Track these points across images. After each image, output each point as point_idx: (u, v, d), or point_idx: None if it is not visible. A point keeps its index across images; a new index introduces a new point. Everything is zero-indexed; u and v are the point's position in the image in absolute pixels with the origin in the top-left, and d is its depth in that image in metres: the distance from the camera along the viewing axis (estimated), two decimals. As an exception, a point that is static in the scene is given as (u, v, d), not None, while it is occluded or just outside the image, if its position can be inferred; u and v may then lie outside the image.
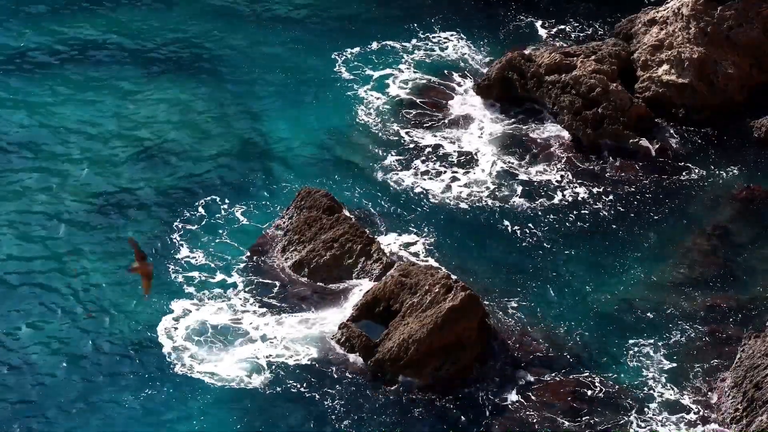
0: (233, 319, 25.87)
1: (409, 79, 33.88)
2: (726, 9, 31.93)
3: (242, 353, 25.09)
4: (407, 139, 31.53)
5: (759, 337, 24.36)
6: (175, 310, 26.00)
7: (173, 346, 25.18)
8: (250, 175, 30.28)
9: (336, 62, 34.70)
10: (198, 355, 24.99)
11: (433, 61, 34.70)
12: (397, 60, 34.72)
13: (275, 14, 37.25)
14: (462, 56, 34.92)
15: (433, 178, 30.20)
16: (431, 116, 32.35)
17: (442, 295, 24.96)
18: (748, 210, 29.16)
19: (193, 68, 34.59)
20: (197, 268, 27.14)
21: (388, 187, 29.83)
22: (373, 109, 32.66)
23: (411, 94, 33.21)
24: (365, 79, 33.92)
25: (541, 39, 35.44)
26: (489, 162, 30.71)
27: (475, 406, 24.07)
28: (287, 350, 25.17)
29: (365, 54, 35.04)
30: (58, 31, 35.89)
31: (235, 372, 24.66)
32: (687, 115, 32.00)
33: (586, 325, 25.98)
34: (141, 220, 28.59)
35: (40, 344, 25.25)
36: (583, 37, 35.24)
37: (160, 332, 25.46)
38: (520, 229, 28.60)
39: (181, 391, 24.20)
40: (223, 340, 25.38)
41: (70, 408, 23.85)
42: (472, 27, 36.32)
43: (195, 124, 32.11)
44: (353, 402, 24.13)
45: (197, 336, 25.45)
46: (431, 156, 30.95)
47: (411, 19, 36.70)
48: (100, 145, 31.17)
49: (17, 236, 28.02)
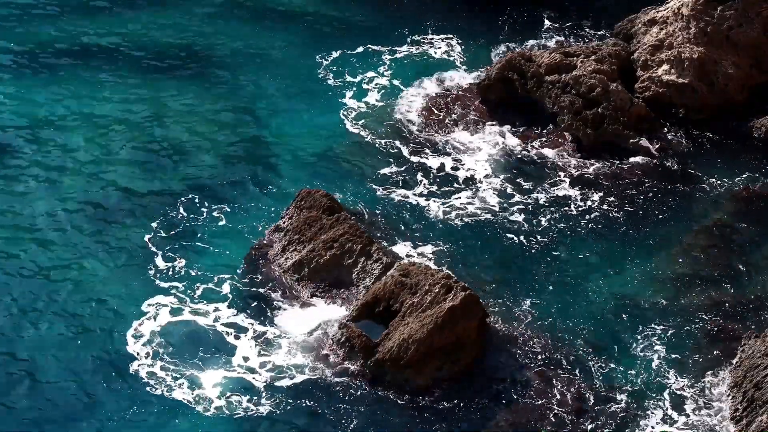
0: (233, 319, 25.87)
1: (408, 80, 33.89)
2: (726, 9, 31.92)
3: (242, 353, 25.10)
4: (407, 140, 31.53)
5: (759, 337, 24.37)
6: (173, 310, 26.03)
7: (174, 344, 25.23)
8: (250, 175, 30.28)
9: (336, 64, 34.73)
10: (197, 355, 25.02)
11: (432, 62, 34.71)
12: (397, 61, 34.74)
13: (274, 17, 37.29)
14: (462, 57, 34.93)
15: (432, 179, 30.20)
16: (431, 117, 32.35)
17: (442, 295, 24.97)
18: (748, 209, 29.16)
19: (193, 68, 34.63)
20: (197, 268, 27.15)
21: (388, 188, 29.83)
22: (373, 111, 32.67)
23: (410, 96, 33.21)
24: (365, 80, 33.93)
25: (541, 39, 35.45)
26: (488, 162, 30.72)
27: (475, 406, 24.07)
28: (287, 350, 25.18)
29: (365, 55, 35.06)
30: (59, 31, 35.92)
31: (234, 372, 24.68)
32: (687, 115, 32.01)
33: (587, 325, 25.98)
34: (138, 221, 28.57)
35: (38, 345, 25.29)
36: (583, 37, 35.24)
37: (159, 332, 25.48)
38: (520, 229, 28.60)
39: (180, 389, 24.27)
40: (223, 339, 25.38)
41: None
42: (473, 27, 36.34)
43: (195, 125, 32.12)
44: (353, 402, 24.13)
45: (197, 336, 25.48)
46: (430, 157, 30.95)
47: (411, 21, 36.72)
48: (99, 145, 31.18)
49: (10, 236, 28.10)
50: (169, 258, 27.39)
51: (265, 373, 24.66)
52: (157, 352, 25.05)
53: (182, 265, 27.18)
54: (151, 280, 26.78)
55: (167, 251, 27.59)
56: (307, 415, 23.88)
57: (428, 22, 36.62)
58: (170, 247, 27.74)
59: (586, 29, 35.96)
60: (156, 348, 25.14)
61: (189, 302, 26.26)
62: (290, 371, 24.74)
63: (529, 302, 26.45)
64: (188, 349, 25.20)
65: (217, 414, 23.80)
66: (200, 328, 25.69)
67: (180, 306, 26.15)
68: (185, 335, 25.52)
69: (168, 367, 24.74)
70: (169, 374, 24.56)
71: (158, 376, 24.49)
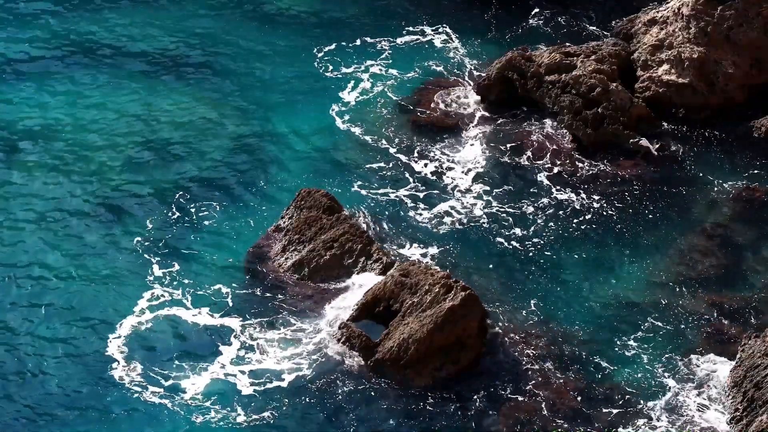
0: (232, 319, 25.86)
1: (408, 79, 33.88)
2: (726, 9, 31.90)
3: (241, 353, 25.09)
4: (407, 139, 31.53)
5: (759, 337, 24.37)
6: (174, 310, 26.02)
7: (171, 346, 25.24)
8: (250, 174, 30.27)
9: (334, 62, 34.68)
10: (196, 355, 25.02)
11: (432, 61, 34.67)
12: (398, 61, 34.71)
13: (271, 14, 37.23)
14: (462, 57, 34.90)
15: (432, 179, 30.20)
16: (431, 117, 32.33)
17: (442, 295, 24.97)
18: (748, 210, 29.15)
19: (191, 68, 34.57)
20: (197, 268, 27.15)
21: (388, 187, 29.82)
22: (373, 110, 32.65)
23: (411, 95, 33.20)
24: (365, 79, 33.89)
25: (541, 39, 35.42)
26: (488, 162, 30.71)
27: (475, 406, 24.07)
28: (287, 350, 25.17)
29: (365, 54, 35.02)
30: (60, 31, 35.90)
31: (234, 372, 24.66)
32: (687, 115, 31.99)
33: (587, 325, 25.98)
34: (138, 221, 28.56)
35: (27, 346, 25.27)
36: (584, 37, 35.21)
37: (158, 332, 25.48)
38: (520, 229, 28.60)
39: (181, 385, 24.28)
40: (222, 340, 25.37)
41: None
42: (472, 27, 36.30)
43: (194, 125, 32.10)
44: (353, 402, 24.13)
45: (195, 336, 25.48)
46: (431, 156, 30.95)
47: (411, 20, 36.66)
48: (99, 145, 31.16)
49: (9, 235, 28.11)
50: (166, 258, 27.36)
51: (264, 374, 24.64)
52: (156, 352, 25.06)
53: (180, 266, 27.16)
54: (148, 280, 26.74)
55: (164, 252, 27.56)
56: (306, 416, 23.86)
57: (429, 20, 36.57)
58: (167, 247, 27.71)
59: (586, 29, 35.93)
60: (153, 349, 25.13)
61: (186, 303, 26.23)
62: (290, 371, 24.72)
63: (529, 302, 26.45)
64: (186, 350, 25.18)
65: (216, 415, 23.77)
66: (198, 328, 25.67)
67: (177, 307, 26.11)
68: (182, 336, 25.48)
69: (167, 367, 24.74)
70: (168, 375, 24.56)
71: (156, 376, 24.49)
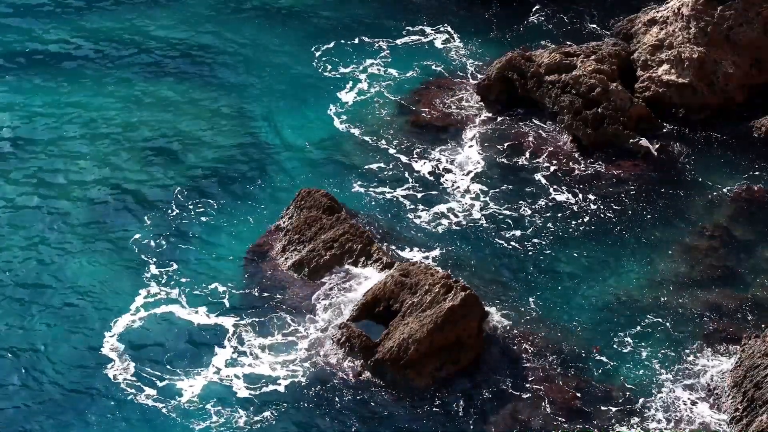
0: (232, 319, 25.86)
1: (408, 79, 33.92)
2: (726, 9, 31.91)
3: (241, 354, 25.10)
4: (407, 139, 31.54)
5: (759, 337, 24.37)
6: (170, 309, 26.03)
7: (169, 346, 25.27)
8: (250, 174, 30.30)
9: (334, 62, 34.74)
10: (195, 355, 25.02)
11: (432, 61, 34.70)
12: (398, 60, 34.75)
13: (271, 15, 37.31)
14: (462, 56, 34.93)
15: (431, 179, 30.21)
16: (431, 117, 32.35)
17: (442, 295, 24.97)
18: (748, 210, 29.15)
19: (191, 68, 34.65)
20: (197, 268, 27.16)
21: (388, 187, 29.83)
22: (373, 109, 32.67)
23: (411, 95, 33.24)
24: (365, 79, 33.93)
25: (541, 39, 35.45)
26: (488, 162, 30.72)
27: (475, 406, 24.07)
28: (286, 351, 25.18)
29: (365, 54, 35.08)
30: (61, 31, 35.95)
31: (234, 372, 24.67)
32: (687, 115, 32.00)
33: (586, 325, 25.98)
34: (139, 220, 28.58)
35: (24, 343, 25.33)
36: (584, 37, 35.23)
37: (155, 333, 25.50)
38: (520, 229, 28.60)
39: (180, 386, 24.29)
40: (221, 340, 25.38)
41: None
42: (473, 27, 36.34)
43: (193, 125, 32.14)
44: (353, 402, 24.12)
45: (194, 336, 25.49)
46: (430, 156, 30.95)
47: (410, 20, 36.74)
48: (100, 145, 31.22)
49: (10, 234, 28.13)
50: (166, 258, 27.39)
51: (264, 374, 24.65)
52: (154, 352, 25.08)
53: (179, 265, 27.18)
54: (147, 279, 26.78)
55: (164, 251, 27.59)
56: (306, 416, 23.87)
57: (429, 20, 36.62)
58: (167, 247, 27.73)
59: (587, 27, 35.94)
60: (151, 349, 25.16)
61: (185, 303, 26.25)
62: (290, 372, 24.73)
63: (529, 302, 26.45)
64: (182, 349, 25.20)
65: (214, 417, 23.77)
66: (198, 328, 25.68)
67: (176, 307, 26.14)
68: (181, 336, 25.52)
69: (165, 368, 24.76)
70: (162, 375, 24.57)
71: (150, 376, 24.51)
